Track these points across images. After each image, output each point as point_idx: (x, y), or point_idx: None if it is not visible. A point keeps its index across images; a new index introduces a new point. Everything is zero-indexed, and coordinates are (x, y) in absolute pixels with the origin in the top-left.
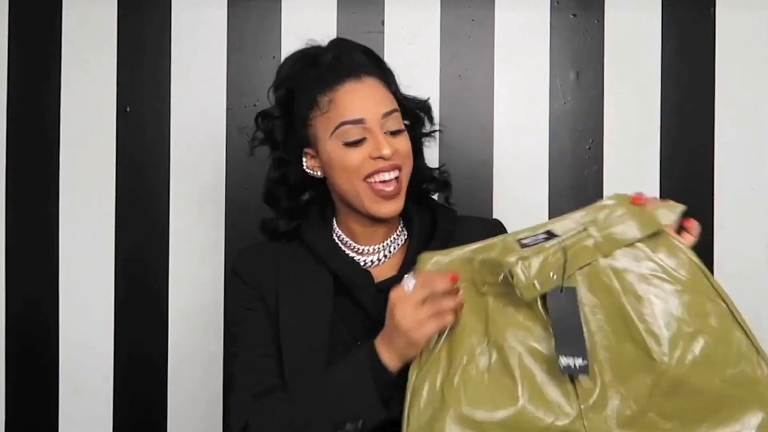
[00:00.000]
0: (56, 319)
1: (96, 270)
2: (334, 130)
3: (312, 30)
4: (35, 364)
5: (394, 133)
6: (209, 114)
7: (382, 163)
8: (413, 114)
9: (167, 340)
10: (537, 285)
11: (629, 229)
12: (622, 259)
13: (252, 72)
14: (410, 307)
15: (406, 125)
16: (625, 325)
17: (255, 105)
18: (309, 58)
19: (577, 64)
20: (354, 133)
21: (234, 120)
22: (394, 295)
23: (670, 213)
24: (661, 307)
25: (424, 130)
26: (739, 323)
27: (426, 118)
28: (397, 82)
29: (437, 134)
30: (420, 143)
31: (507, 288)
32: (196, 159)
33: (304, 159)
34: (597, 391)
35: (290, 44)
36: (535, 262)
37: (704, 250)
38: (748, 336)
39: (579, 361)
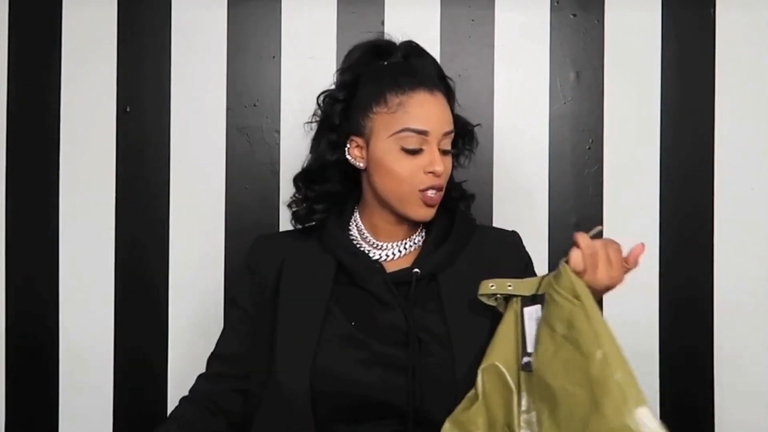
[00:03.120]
0: (56, 320)
1: (96, 270)
2: (396, 133)
3: (312, 30)
4: (35, 364)
5: (446, 153)
6: (209, 114)
7: (435, 180)
8: (457, 134)
9: (167, 340)
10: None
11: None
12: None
13: (252, 72)
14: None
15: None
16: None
17: (255, 105)
18: (381, 51)
19: (577, 64)
20: (414, 141)
21: (234, 120)
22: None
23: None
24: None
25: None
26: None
27: (465, 141)
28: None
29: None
30: (454, 163)
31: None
32: (196, 159)
33: (348, 146)
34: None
35: (290, 44)
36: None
37: (704, 250)
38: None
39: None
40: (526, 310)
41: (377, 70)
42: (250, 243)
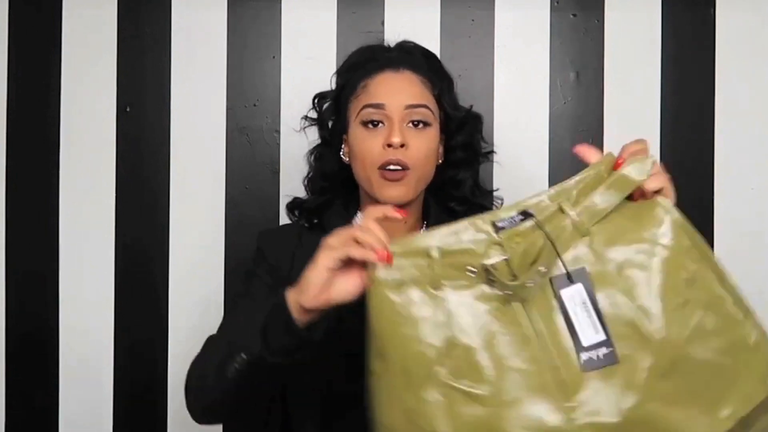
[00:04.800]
0: (56, 320)
1: (96, 270)
2: (359, 113)
3: (312, 30)
4: (35, 363)
5: (416, 125)
6: (209, 114)
7: (392, 155)
8: (458, 121)
9: (167, 340)
10: (528, 282)
11: (604, 197)
12: (602, 235)
13: (252, 72)
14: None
15: (450, 134)
16: (615, 306)
17: (255, 105)
18: (371, 52)
19: (577, 64)
20: (372, 115)
21: (234, 120)
22: None
23: (641, 167)
24: (646, 280)
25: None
26: (725, 286)
27: (471, 132)
28: (455, 92)
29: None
30: (461, 155)
31: (474, 282)
32: (196, 159)
33: (342, 146)
34: (588, 389)
35: (290, 44)
36: (517, 252)
37: None
38: (734, 298)
39: (602, 351)
40: (564, 293)
41: (359, 67)
42: (253, 238)
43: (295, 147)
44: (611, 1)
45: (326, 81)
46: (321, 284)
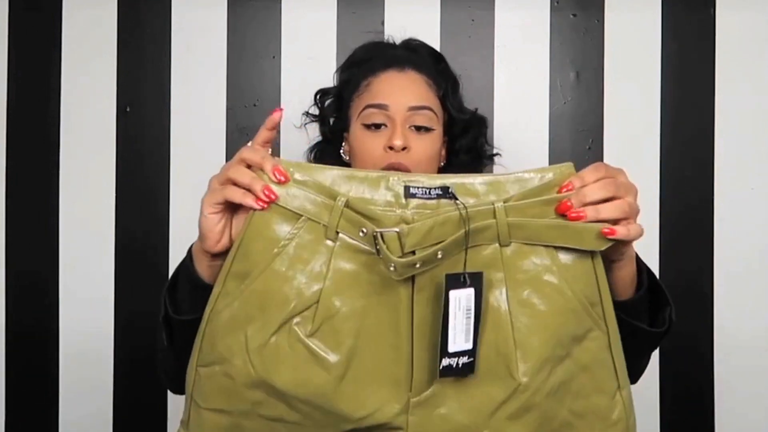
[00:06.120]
0: (56, 320)
1: (96, 270)
2: (360, 112)
3: (312, 30)
4: (35, 364)
5: (419, 129)
6: (209, 114)
7: (394, 158)
8: (462, 123)
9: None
10: (418, 264)
11: (545, 232)
12: (518, 255)
13: (252, 72)
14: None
15: (453, 137)
16: (497, 329)
17: (255, 105)
18: (376, 48)
19: (577, 64)
20: (375, 117)
21: (234, 120)
22: None
23: (601, 242)
24: (542, 320)
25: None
26: (612, 354)
27: (476, 135)
28: (460, 93)
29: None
30: (465, 158)
31: (363, 243)
32: (196, 159)
33: (343, 144)
34: (439, 389)
35: (290, 44)
36: (419, 231)
37: (704, 249)
38: (616, 366)
39: (464, 360)
40: (453, 294)
41: (364, 64)
42: None
43: (296, 147)
44: (611, 1)
45: (326, 81)
46: (216, 228)
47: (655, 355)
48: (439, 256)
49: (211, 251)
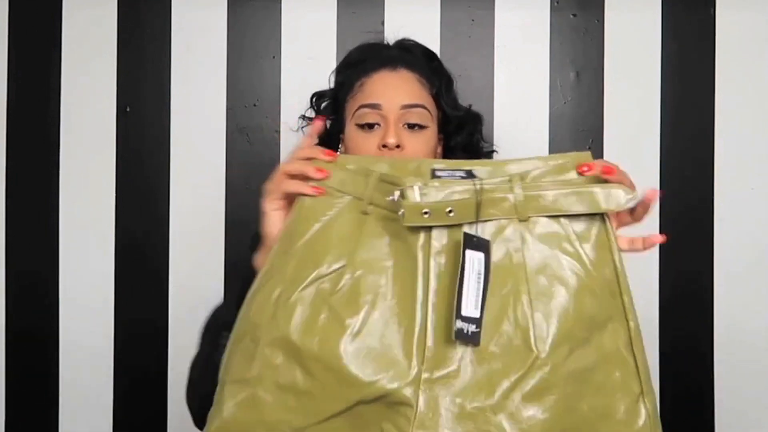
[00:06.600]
0: (56, 320)
1: (96, 270)
2: (354, 113)
3: (312, 30)
4: (35, 364)
5: (413, 127)
6: (209, 114)
7: (389, 155)
8: (457, 121)
9: (167, 340)
10: (425, 213)
11: (563, 199)
12: (538, 230)
13: (252, 72)
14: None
15: (449, 134)
16: (515, 303)
17: (255, 105)
18: (370, 49)
19: (577, 64)
20: (369, 116)
21: (234, 120)
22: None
23: (622, 197)
24: (561, 301)
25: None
26: (633, 353)
27: (471, 131)
28: (454, 91)
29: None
30: (460, 155)
31: (394, 215)
32: (196, 159)
33: (340, 145)
34: (454, 366)
35: (290, 44)
36: (436, 193)
37: (704, 249)
38: (638, 371)
39: (472, 328)
40: (469, 253)
41: (357, 66)
42: (251, 237)
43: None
44: (611, 1)
45: (326, 81)
46: (280, 225)
47: (656, 355)
48: (449, 211)
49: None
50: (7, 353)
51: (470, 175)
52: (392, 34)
